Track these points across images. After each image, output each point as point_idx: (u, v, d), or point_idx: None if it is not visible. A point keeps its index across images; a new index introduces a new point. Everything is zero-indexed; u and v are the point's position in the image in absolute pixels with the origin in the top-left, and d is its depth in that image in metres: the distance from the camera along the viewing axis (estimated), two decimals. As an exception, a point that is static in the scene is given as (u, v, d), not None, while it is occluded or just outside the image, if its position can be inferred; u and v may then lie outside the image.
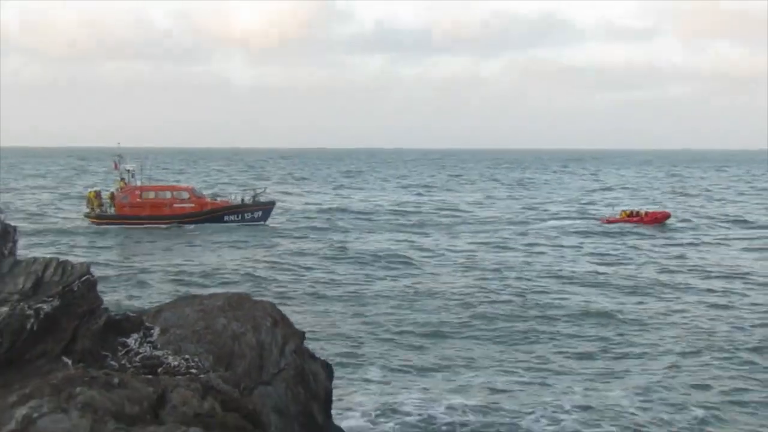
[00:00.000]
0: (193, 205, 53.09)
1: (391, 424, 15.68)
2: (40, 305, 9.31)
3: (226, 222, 52.90)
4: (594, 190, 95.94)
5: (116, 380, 8.50)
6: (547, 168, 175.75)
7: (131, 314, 10.80)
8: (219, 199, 58.49)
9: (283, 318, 10.68)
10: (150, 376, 9.07)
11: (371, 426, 15.59)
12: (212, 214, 53.09)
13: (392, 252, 40.50)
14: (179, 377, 9.16)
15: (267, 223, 54.07)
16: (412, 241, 45.53)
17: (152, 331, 10.22)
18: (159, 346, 9.96)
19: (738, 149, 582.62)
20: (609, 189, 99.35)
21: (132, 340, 10.04)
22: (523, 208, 70.14)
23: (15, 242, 9.96)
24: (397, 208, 68.42)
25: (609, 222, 54.67)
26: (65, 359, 9.25)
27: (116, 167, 53.76)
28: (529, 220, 59.35)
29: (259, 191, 58.43)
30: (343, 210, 65.13)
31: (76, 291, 9.69)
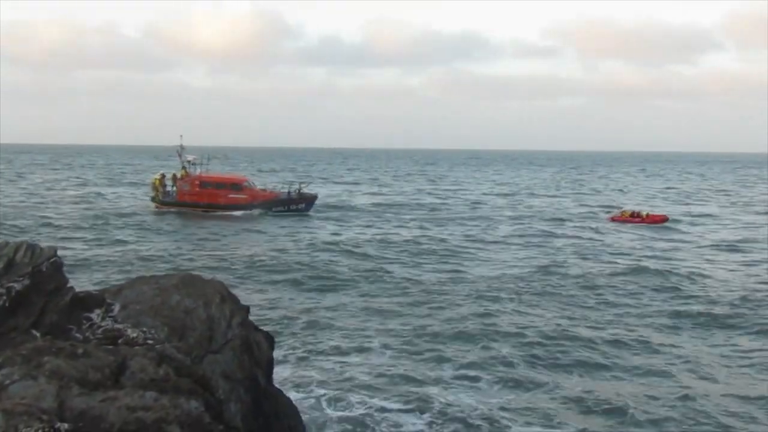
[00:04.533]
0: (245, 195, 56.18)
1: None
2: (11, 284, 9.89)
3: (274, 212, 56.04)
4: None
5: (80, 350, 9.05)
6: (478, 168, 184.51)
7: (94, 292, 11.46)
8: (269, 191, 61.17)
9: (231, 295, 11.57)
10: (111, 347, 9.64)
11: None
12: (262, 205, 56.34)
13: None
14: (137, 347, 9.75)
15: (310, 213, 57.54)
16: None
17: (113, 306, 10.83)
18: (119, 320, 10.56)
19: (621, 150, 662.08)
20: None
21: (95, 315, 10.61)
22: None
23: (-12, 228, 10.76)
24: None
25: (614, 220, 56.61)
26: (34, 332, 9.76)
27: (180, 158, 57.21)
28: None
29: (303, 186, 61.86)
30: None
31: (45, 271, 10.33)
